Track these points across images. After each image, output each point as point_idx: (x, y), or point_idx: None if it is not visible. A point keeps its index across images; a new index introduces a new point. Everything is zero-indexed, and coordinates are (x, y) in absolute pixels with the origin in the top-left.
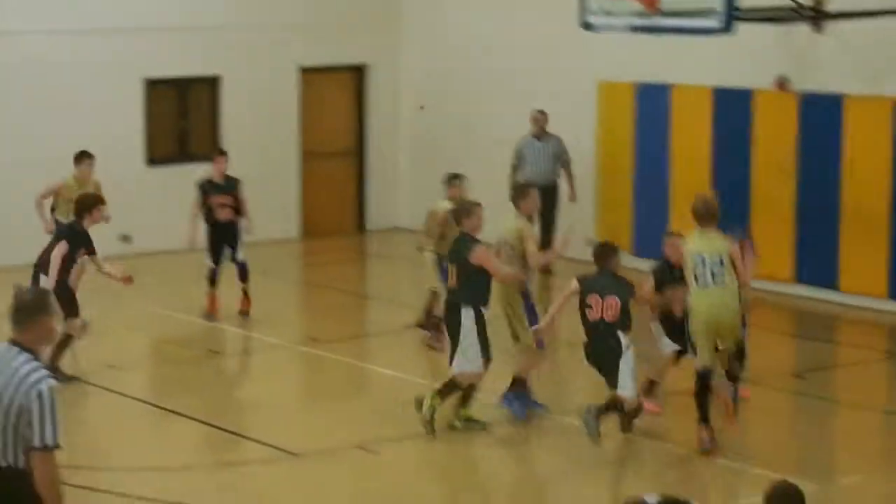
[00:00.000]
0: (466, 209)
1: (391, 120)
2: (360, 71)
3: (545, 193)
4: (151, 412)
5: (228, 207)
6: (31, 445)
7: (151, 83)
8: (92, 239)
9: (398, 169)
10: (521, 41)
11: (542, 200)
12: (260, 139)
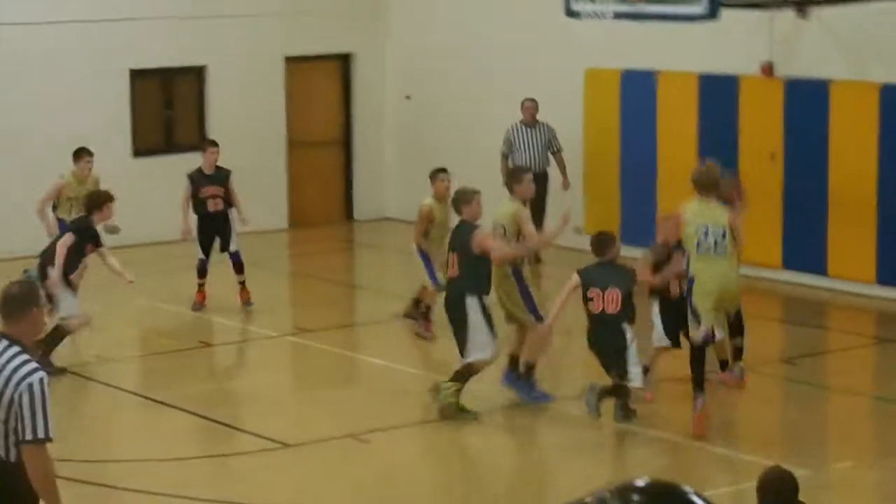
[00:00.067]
0: (466, 197)
1: (377, 109)
2: (345, 60)
3: (535, 181)
4: (142, 404)
5: (219, 198)
6: (23, 439)
7: (136, 74)
8: (99, 234)
9: (385, 158)
10: (507, 29)
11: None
12: (246, 129)
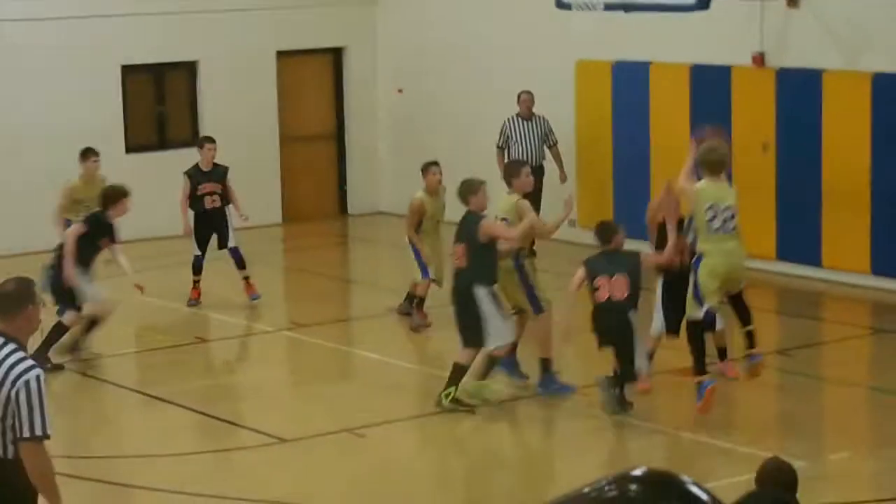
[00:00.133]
0: (473, 187)
1: (370, 103)
2: (337, 54)
3: (532, 175)
4: (139, 400)
5: (216, 195)
6: (20, 436)
7: (128, 69)
8: (116, 230)
9: (378, 152)
10: (498, 22)
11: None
12: (239, 124)
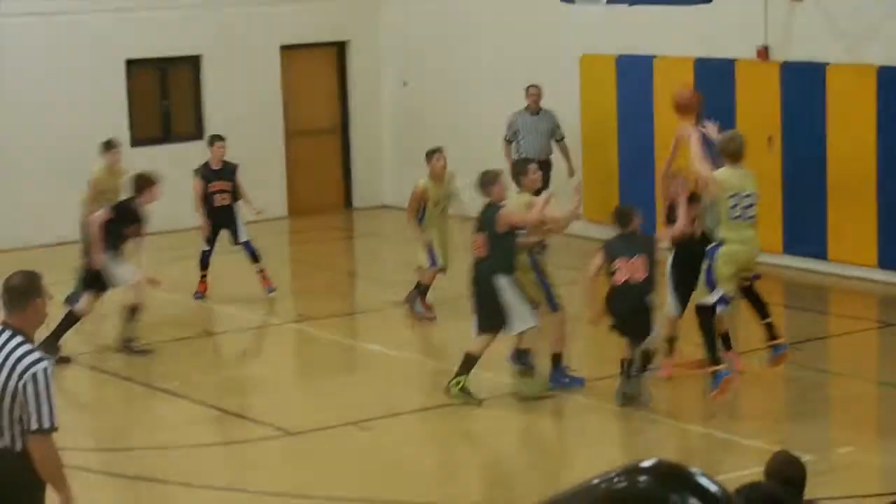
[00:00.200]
0: (491, 178)
1: (374, 97)
2: (341, 48)
3: (539, 168)
4: (147, 392)
5: (226, 193)
6: (28, 428)
7: (133, 64)
8: (144, 218)
9: (382, 146)
10: (502, 15)
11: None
12: (243, 118)
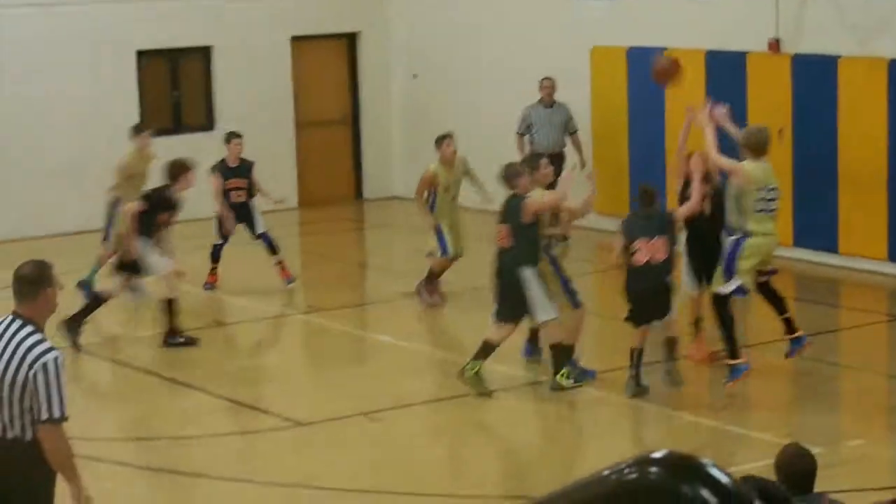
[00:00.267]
0: (517, 170)
1: (384, 88)
2: (352, 39)
3: (552, 162)
4: (157, 383)
5: (242, 190)
6: (39, 418)
7: (143, 54)
8: (178, 205)
9: (393, 137)
10: (513, 8)
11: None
12: (253, 109)
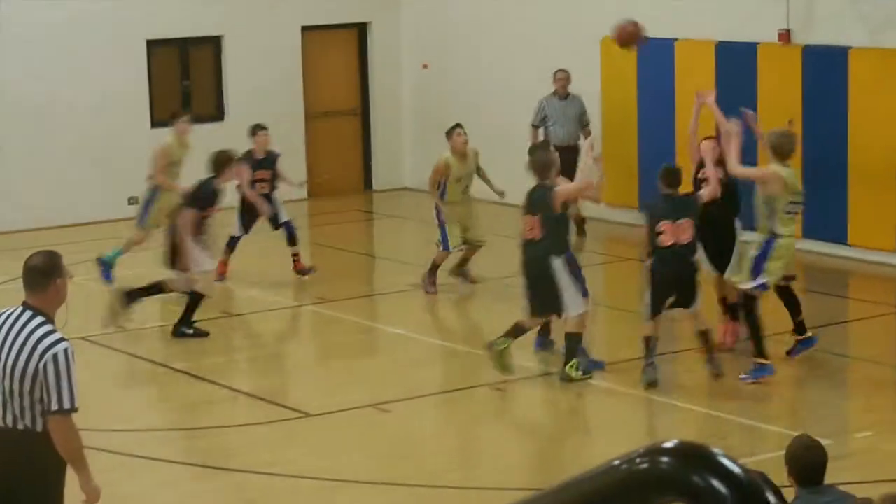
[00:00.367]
0: (547, 161)
1: (394, 78)
2: (362, 29)
3: (569, 153)
4: (165, 373)
5: (266, 182)
6: (48, 409)
7: (153, 44)
8: (221, 197)
9: (402, 128)
10: None
11: (565, 160)
12: (263, 99)
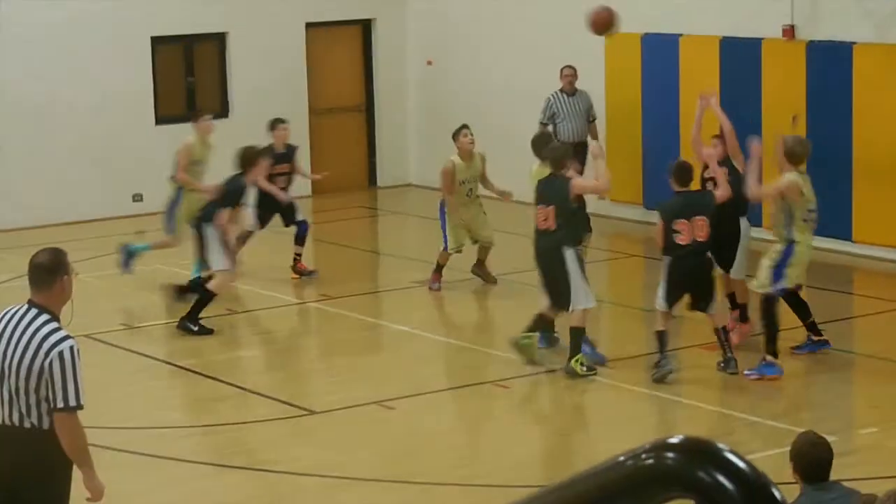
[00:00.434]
0: (564, 153)
1: (399, 75)
2: (366, 26)
3: (576, 151)
4: (169, 371)
5: (284, 176)
6: (54, 407)
7: (158, 41)
8: (245, 190)
9: (407, 124)
10: None
11: (574, 157)
12: (267, 96)
